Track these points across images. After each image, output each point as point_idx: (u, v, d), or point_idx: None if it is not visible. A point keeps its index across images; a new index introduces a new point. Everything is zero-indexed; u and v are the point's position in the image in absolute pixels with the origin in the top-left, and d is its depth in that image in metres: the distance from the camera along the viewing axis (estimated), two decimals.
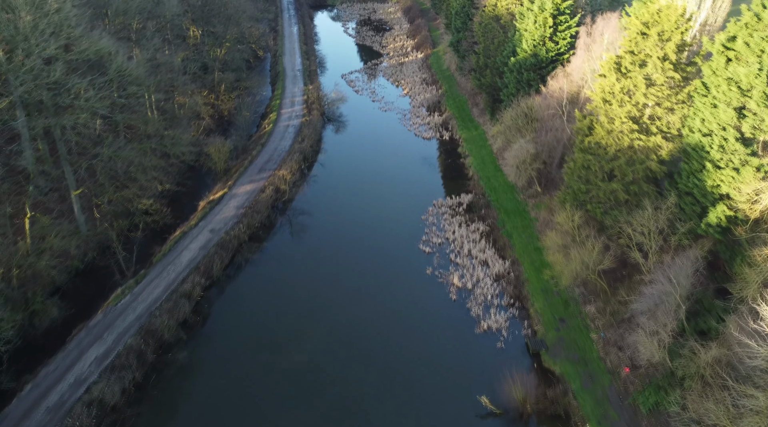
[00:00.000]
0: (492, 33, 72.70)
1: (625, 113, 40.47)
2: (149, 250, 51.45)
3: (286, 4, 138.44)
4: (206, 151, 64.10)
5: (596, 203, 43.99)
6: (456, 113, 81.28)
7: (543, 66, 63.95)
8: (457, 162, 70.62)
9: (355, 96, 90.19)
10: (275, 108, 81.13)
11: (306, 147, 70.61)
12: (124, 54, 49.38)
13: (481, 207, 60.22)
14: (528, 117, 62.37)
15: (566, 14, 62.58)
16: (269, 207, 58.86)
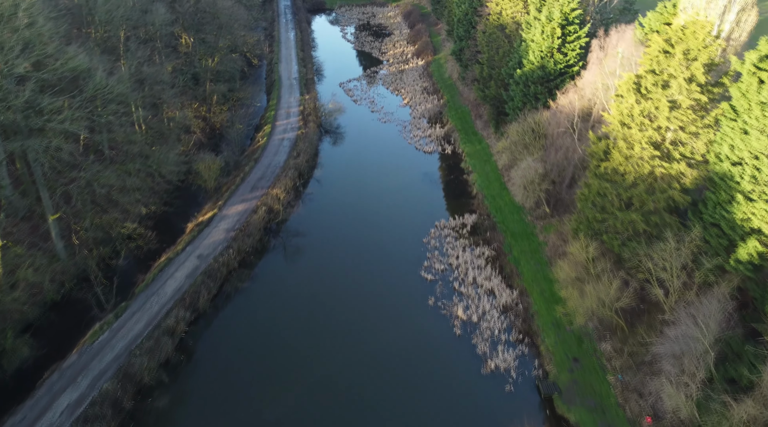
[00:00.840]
0: (497, 43, 69.35)
1: (646, 139, 37.11)
2: (132, 278, 48.07)
3: (283, 9, 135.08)
4: (196, 168, 60.69)
5: (613, 234, 40.64)
6: (458, 125, 77.93)
7: (551, 79, 60.63)
8: (460, 178, 67.23)
9: (353, 106, 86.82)
10: (270, 120, 77.75)
11: (301, 162, 67.22)
12: (105, 69, 46.03)
13: (486, 229, 56.85)
14: (535, 133, 59.03)
15: (575, 24, 59.27)
16: (261, 230, 55.45)
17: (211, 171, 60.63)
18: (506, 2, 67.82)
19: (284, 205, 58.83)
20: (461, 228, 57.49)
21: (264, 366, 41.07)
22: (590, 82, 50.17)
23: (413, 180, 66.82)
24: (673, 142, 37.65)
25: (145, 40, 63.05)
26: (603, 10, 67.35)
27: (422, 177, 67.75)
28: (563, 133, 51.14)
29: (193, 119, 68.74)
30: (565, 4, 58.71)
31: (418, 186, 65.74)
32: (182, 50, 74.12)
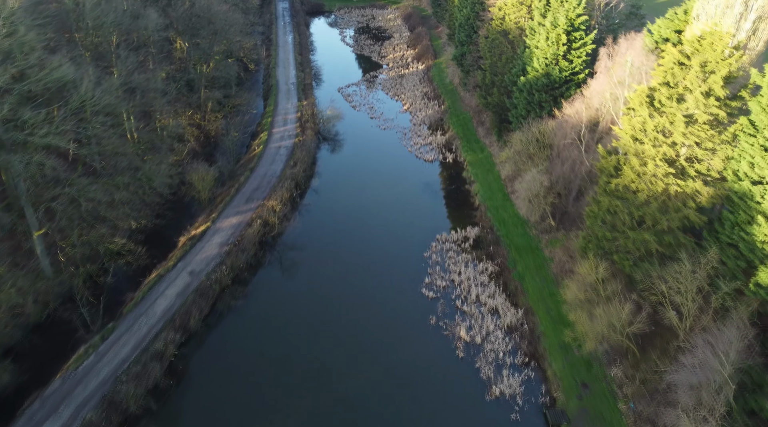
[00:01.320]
0: (499, 49, 67.39)
1: (660, 155, 35.13)
2: (121, 297, 46.04)
3: (281, 11, 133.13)
4: (189, 179, 58.69)
5: (624, 254, 38.66)
6: (460, 133, 75.95)
7: (556, 87, 58.68)
8: (462, 188, 65.24)
9: (352, 112, 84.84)
10: (266, 127, 75.75)
11: (298, 172, 65.22)
12: (93, 78, 44.01)
13: (489, 243, 54.88)
14: (540, 143, 57.08)
15: (581, 30, 57.34)
16: (256, 244, 53.46)
17: (204, 182, 58.65)
18: (509, 7, 65.87)
19: (280, 217, 56.85)
20: (463, 242, 55.51)
21: (257, 389, 39.11)
22: (598, 91, 48.20)
23: (414, 190, 64.83)
24: (689, 159, 35.69)
25: (138, 46, 61.02)
26: (609, 15, 65.38)
27: (423, 187, 65.75)
28: (570, 144, 49.15)
29: (187, 127, 66.74)
30: (571, 9, 56.76)
31: (419, 197, 63.75)
32: (177, 56, 72.16)
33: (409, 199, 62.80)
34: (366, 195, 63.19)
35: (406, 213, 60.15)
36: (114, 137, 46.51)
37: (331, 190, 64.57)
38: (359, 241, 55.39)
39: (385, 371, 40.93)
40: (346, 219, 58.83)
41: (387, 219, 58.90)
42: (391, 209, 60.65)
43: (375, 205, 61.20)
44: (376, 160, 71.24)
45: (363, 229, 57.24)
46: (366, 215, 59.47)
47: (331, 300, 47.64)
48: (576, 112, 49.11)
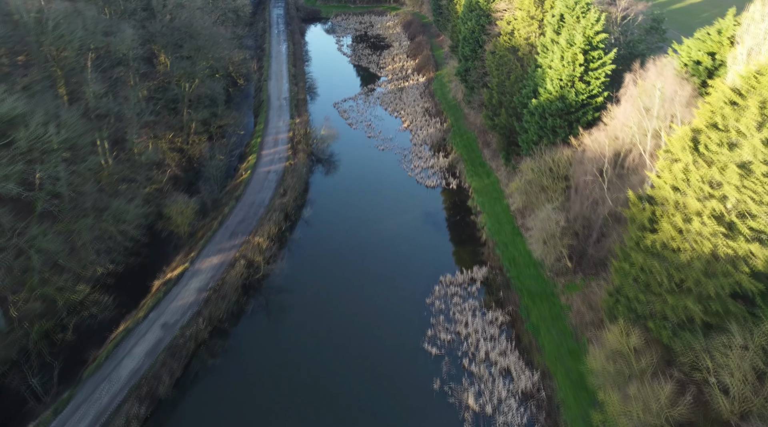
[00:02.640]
0: (507, 66, 61.92)
1: (708, 211, 29.63)
2: (82, 356, 40.51)
3: (276, 18, 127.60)
4: (167, 213, 53.15)
5: (661, 320, 33.15)
6: (464, 155, 70.45)
7: (572, 111, 53.26)
8: (467, 220, 59.72)
9: (348, 130, 79.36)
10: (255, 148, 70.21)
11: (288, 202, 59.68)
12: (51, 110, 38.51)
13: (498, 287, 49.37)
14: (554, 173, 51.61)
15: (600, 49, 51.90)
16: (239, 289, 47.92)
17: (184, 216, 53.14)
18: (519, 22, 60.39)
19: (267, 257, 51.26)
20: (470, 285, 50.00)
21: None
22: (623, 122, 42.68)
23: (414, 222, 59.30)
24: (741, 215, 30.19)
25: (112, 64, 55.47)
26: (627, 31, 59.91)
27: (424, 218, 60.22)
28: (592, 181, 43.64)
29: (167, 152, 61.19)
30: (588, 26, 51.33)
31: (420, 229, 58.22)
32: (160, 70, 66.52)
33: (410, 233, 57.27)
34: (362, 228, 57.66)
35: (406, 249, 54.64)
36: (75, 175, 41.03)
37: (324, 222, 59.01)
38: (354, 284, 49.88)
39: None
40: (339, 257, 53.30)
41: (385, 257, 53.39)
42: (390, 245, 55.15)
43: (372, 240, 55.69)
44: (374, 186, 65.70)
45: (359, 269, 51.74)
46: (362, 252, 53.96)
47: (321, 359, 42.12)
48: (598, 146, 43.58)
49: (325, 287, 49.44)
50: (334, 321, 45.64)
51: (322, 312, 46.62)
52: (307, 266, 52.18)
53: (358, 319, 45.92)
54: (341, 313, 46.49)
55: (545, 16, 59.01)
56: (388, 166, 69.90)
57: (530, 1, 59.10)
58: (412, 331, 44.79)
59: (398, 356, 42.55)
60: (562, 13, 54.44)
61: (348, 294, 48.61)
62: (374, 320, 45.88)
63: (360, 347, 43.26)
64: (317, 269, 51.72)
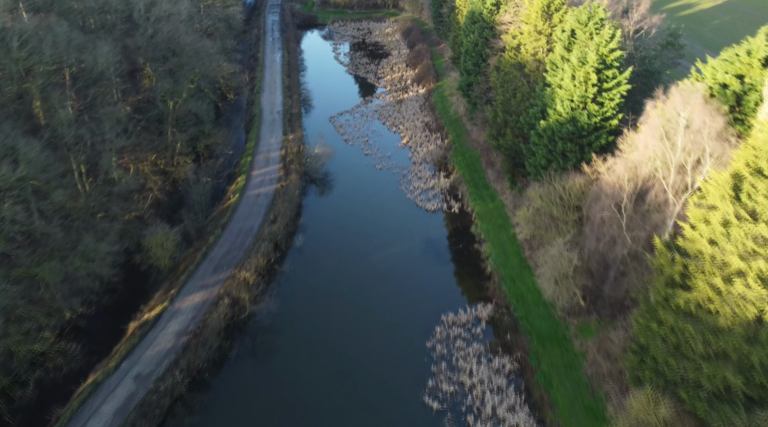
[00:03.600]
0: (513, 83, 57.90)
1: (755, 272, 25.61)
2: (44, 414, 36.49)
3: (270, 25, 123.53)
4: (146, 245, 49.12)
5: (695, 390, 29.12)
6: (466, 175, 66.40)
7: (584, 134, 49.29)
8: (471, 249, 55.66)
9: (344, 147, 75.34)
10: (245, 168, 66.16)
11: (279, 229, 55.64)
12: (6, 143, 34.46)
13: (505, 328, 45.34)
14: (565, 202, 47.62)
15: (614, 68, 47.92)
16: (221, 333, 43.86)
17: (164, 248, 49.12)
18: (526, 37, 56.37)
19: (253, 295, 47.23)
20: (474, 325, 45.97)
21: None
22: (644, 154, 38.64)
23: (414, 251, 55.23)
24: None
25: (89, 83, 51.42)
26: (642, 46, 55.89)
27: (425, 246, 56.16)
28: (609, 218, 39.58)
29: (149, 176, 57.13)
30: (602, 43, 47.34)
31: (420, 260, 54.16)
32: (146, 83, 62.30)
33: (409, 264, 53.22)
34: (358, 258, 53.61)
35: (405, 283, 50.60)
36: (38, 214, 37.03)
37: (317, 251, 54.95)
38: (348, 324, 45.84)
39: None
40: (332, 293, 49.25)
41: (382, 292, 49.36)
42: (388, 278, 51.12)
43: (368, 273, 51.66)
44: (371, 210, 61.64)
45: (353, 306, 47.69)
46: (357, 287, 49.94)
47: (308, 417, 38.06)
48: (615, 178, 39.53)
49: (316, 328, 45.41)
50: (324, 370, 41.61)
51: (312, 358, 42.60)
52: (297, 303, 48.12)
53: (351, 366, 41.88)
54: (333, 360, 42.45)
55: (554, 31, 55.05)
56: (386, 188, 65.86)
57: (537, 14, 55.11)
58: (411, 381, 40.75)
59: (396, 411, 38.52)
60: (573, 29, 50.46)
61: (341, 337, 44.58)
62: (370, 367, 41.83)
63: (354, 399, 39.23)
64: (308, 307, 47.68)
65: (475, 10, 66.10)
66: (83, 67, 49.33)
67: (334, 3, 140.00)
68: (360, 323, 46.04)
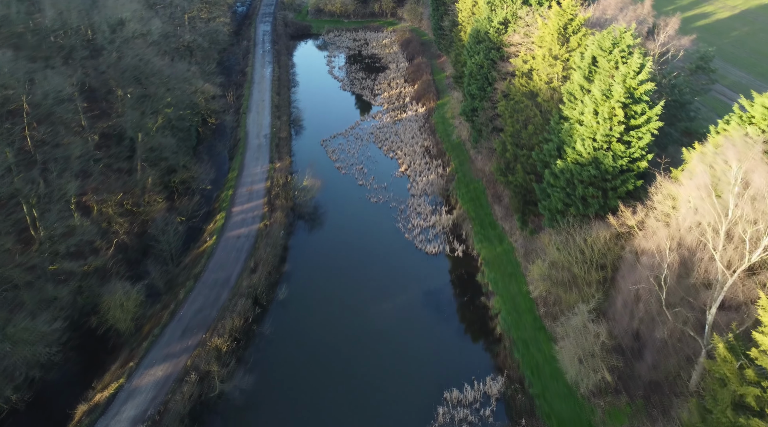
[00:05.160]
0: (524, 113, 51.46)
1: None
2: None
3: (261, 36, 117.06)
4: (103, 305, 42.63)
5: None
6: (471, 211, 59.90)
7: (608, 178, 42.87)
8: (477, 303, 49.15)
9: (336, 176, 68.88)
10: (225, 204, 59.64)
11: (259, 280, 49.13)
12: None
13: (519, 410, 38.79)
14: (587, 258, 41.15)
15: (644, 103, 41.50)
16: (186, 419, 37.30)
17: (125, 310, 42.60)
18: (538, 62, 49.90)
19: (227, 366, 40.68)
20: (483, 405, 39.42)
21: None
22: (688, 217, 32.16)
23: (412, 305, 48.71)
24: None
25: (43, 116, 45.00)
26: (671, 73, 49.42)
27: (425, 299, 49.61)
28: (648, 291, 33.06)
29: (114, 218, 50.66)
30: (630, 75, 40.93)
31: (420, 317, 47.63)
32: (120, 109, 55.71)
33: (407, 322, 46.70)
34: (348, 316, 47.09)
35: (402, 349, 44.07)
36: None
37: (302, 307, 48.36)
38: (335, 405, 39.30)
39: None
40: (318, 361, 42.69)
41: (376, 361, 42.83)
42: (382, 341, 44.65)
43: (360, 336, 45.14)
44: (364, 254, 55.09)
45: (342, 380, 41.16)
46: (346, 354, 43.36)
47: None
48: (656, 247, 32.99)
49: (298, 409, 38.89)
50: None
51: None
52: (276, 376, 41.58)
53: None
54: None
55: (572, 56, 48.60)
56: (382, 225, 59.35)
57: (553, 37, 48.64)
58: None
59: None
60: (595, 56, 44.01)
61: (326, 421, 38.05)
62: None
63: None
64: (288, 381, 41.15)
65: (480, 28, 59.64)
66: (31, 100, 42.86)
67: (329, 12, 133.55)
68: (350, 401, 39.50)
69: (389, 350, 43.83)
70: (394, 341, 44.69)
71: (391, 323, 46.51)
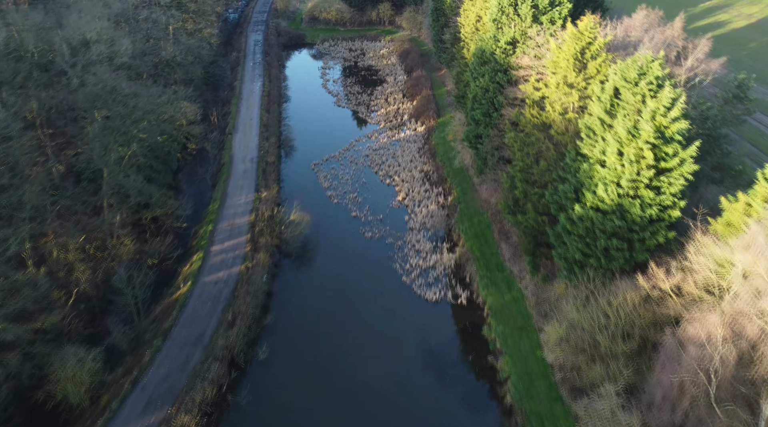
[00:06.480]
0: (536, 146, 45.79)
1: None
2: None
3: (252, 46, 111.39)
4: (53, 377, 36.96)
5: None
6: (475, 249, 54.23)
7: (635, 229, 37.24)
8: (484, 363, 43.42)
9: (328, 205, 63.28)
10: (204, 242, 53.97)
11: (237, 337, 43.48)
12: None
13: None
14: (612, 323, 35.52)
15: (675, 143, 35.87)
16: None
17: (77, 381, 36.93)
18: (552, 90, 44.25)
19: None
20: None
21: None
22: (743, 294, 26.53)
23: (410, 366, 42.98)
24: None
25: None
26: (702, 103, 43.70)
27: (424, 359, 43.84)
28: (694, 389, 27.39)
29: (75, 264, 45.05)
30: (660, 110, 35.35)
31: (419, 381, 41.88)
32: (77, 143, 50.30)
33: (405, 388, 41.00)
34: (337, 380, 41.41)
35: (399, 421, 38.40)
36: None
37: (285, 369, 42.63)
38: None
39: None
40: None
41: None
42: (377, 412, 39.01)
43: (352, 405, 39.47)
44: (357, 302, 49.41)
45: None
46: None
47: None
48: (706, 335, 27.30)
49: None
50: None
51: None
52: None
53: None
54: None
55: (589, 84, 42.95)
56: (377, 267, 53.69)
57: (568, 63, 42.96)
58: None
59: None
60: (617, 87, 38.35)
61: None
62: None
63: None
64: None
65: (485, 48, 53.98)
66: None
67: (324, 20, 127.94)
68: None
69: (384, 423, 38.19)
70: (390, 411, 39.05)
71: (387, 389, 40.88)
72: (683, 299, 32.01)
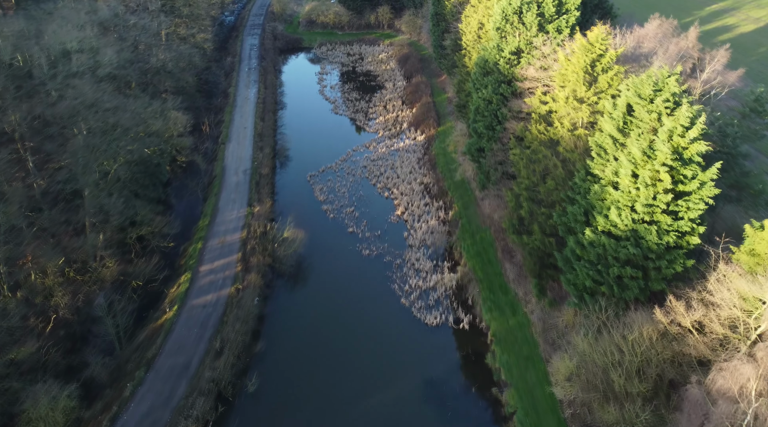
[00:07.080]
0: (542, 164, 43.19)
1: None
2: None
3: (248, 51, 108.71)
4: (23, 416, 34.34)
5: None
6: (478, 270, 51.63)
7: (650, 257, 34.64)
8: (488, 396, 40.81)
9: (324, 220, 60.67)
10: (192, 261, 51.36)
11: (225, 367, 40.87)
12: None
13: None
14: (626, 360, 32.94)
15: (694, 164, 33.26)
16: None
17: (50, 421, 34.28)
18: (561, 104, 41.62)
19: None
20: None
21: None
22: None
23: (409, 400, 40.31)
24: None
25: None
26: (719, 120, 41.07)
27: (425, 391, 41.20)
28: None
29: (54, 288, 42.41)
30: (678, 130, 32.77)
31: (418, 416, 39.23)
32: (56, 159, 47.67)
33: (404, 425, 38.38)
34: (332, 417, 38.78)
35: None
36: None
37: (275, 404, 39.91)
38: None
39: None
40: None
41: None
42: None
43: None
44: (354, 327, 46.79)
45: None
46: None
47: None
48: (735, 383, 24.74)
49: None
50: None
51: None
52: None
53: None
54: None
55: (600, 98, 40.34)
56: (375, 287, 51.08)
57: (578, 76, 40.34)
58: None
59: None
60: (630, 104, 35.77)
61: None
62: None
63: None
64: None
65: (488, 58, 51.37)
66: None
67: (322, 23, 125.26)
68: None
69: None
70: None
71: (385, 424, 38.25)
72: (705, 337, 29.42)
